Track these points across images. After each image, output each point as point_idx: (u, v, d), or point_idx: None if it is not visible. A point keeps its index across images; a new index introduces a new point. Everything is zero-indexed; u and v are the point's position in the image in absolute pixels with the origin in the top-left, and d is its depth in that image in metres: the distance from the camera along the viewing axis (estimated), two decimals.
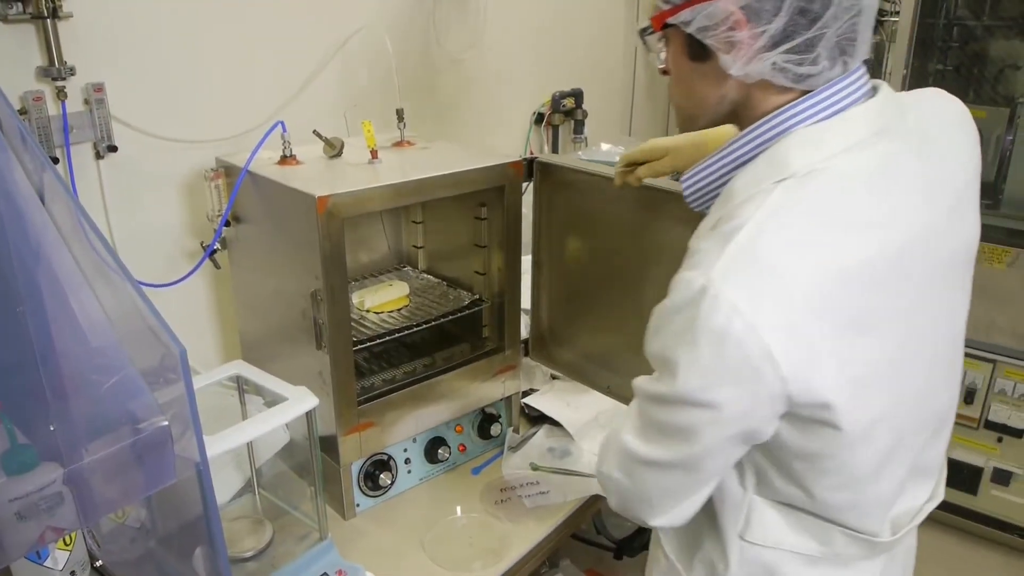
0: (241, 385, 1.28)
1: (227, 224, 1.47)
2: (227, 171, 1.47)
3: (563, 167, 1.49)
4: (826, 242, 0.81)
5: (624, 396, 1.56)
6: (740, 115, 0.92)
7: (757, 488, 0.94)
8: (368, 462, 1.45)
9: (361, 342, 1.40)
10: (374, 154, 1.43)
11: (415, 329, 1.48)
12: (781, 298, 0.77)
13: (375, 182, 1.30)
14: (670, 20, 0.89)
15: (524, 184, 1.51)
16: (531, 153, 2.52)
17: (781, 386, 0.78)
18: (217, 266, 1.58)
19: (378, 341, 1.43)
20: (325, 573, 1.22)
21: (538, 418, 1.74)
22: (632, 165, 1.29)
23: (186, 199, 1.62)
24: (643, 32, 0.96)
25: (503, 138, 2.45)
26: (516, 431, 1.68)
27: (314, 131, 1.46)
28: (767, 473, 0.92)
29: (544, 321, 1.63)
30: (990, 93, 2.46)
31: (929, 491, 1.03)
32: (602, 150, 2.51)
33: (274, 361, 1.50)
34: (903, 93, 0.97)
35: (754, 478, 0.94)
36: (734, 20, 0.84)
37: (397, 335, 1.46)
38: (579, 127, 2.61)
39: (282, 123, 1.42)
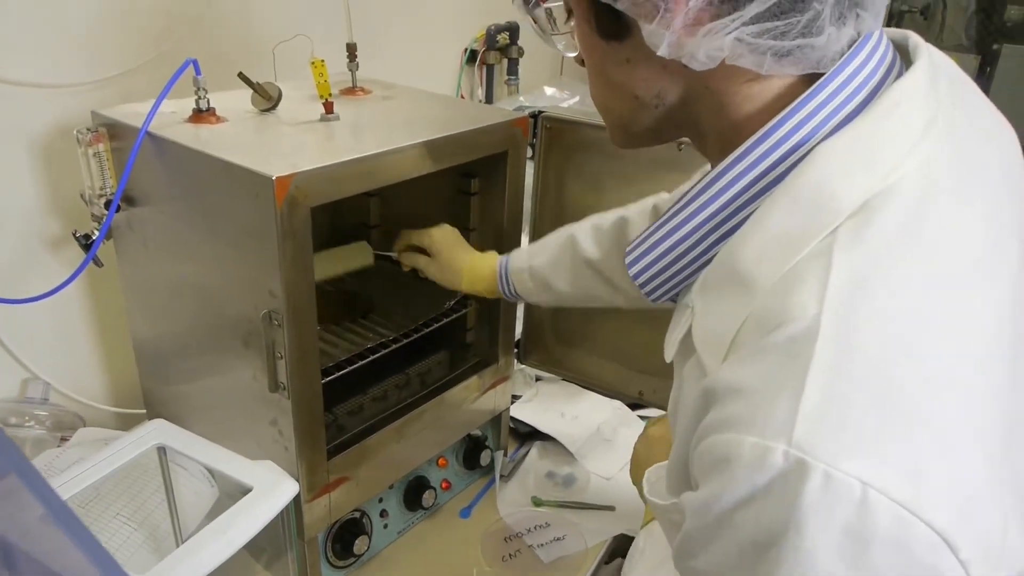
0: (165, 463, 0.88)
1: (117, 210, 1.02)
2: (111, 131, 1.02)
3: (581, 124, 1.14)
4: (958, 310, 0.50)
5: (661, 403, 1.26)
6: (701, 123, 0.60)
7: None
8: (336, 526, 1.08)
9: (327, 372, 1.01)
10: (328, 107, 1.02)
11: (393, 347, 1.10)
12: (935, 445, 0.46)
13: (350, 152, 0.90)
14: None
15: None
16: (462, 98, 2.13)
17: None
18: (99, 264, 1.13)
19: (349, 369, 1.04)
20: None
21: (527, 433, 1.41)
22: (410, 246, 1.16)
23: (45, 170, 1.15)
24: (528, 3, 0.66)
25: (431, 80, 2.04)
26: (505, 454, 1.35)
27: (240, 74, 1.03)
28: None
29: (544, 318, 1.29)
30: (958, 38, 2.28)
31: None
32: (546, 95, 2.17)
33: (195, 404, 1.09)
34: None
35: None
36: None
37: (371, 356, 1.07)
38: (513, 67, 2.23)
39: (194, 61, 0.98)
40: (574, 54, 0.67)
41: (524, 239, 1.23)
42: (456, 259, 1.11)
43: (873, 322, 0.48)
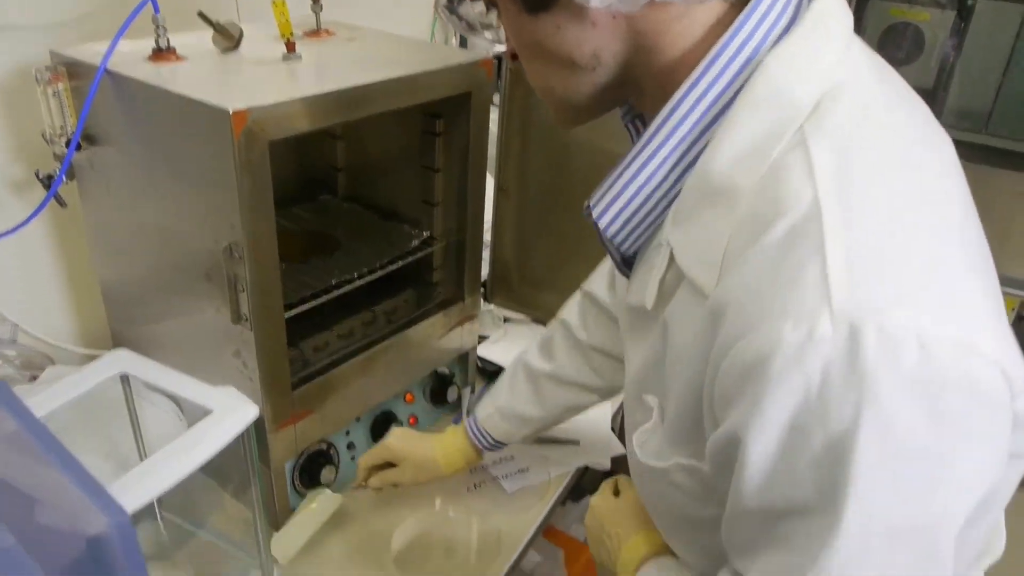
0: (129, 389, 0.90)
1: (77, 148, 1.03)
2: (70, 70, 1.02)
3: None
4: (927, 179, 0.55)
5: None
6: (639, 77, 0.62)
7: None
8: (304, 457, 1.11)
9: (291, 306, 1.03)
10: (290, 47, 1.03)
11: (358, 283, 1.12)
12: (961, 284, 0.49)
13: (310, 88, 0.91)
14: None
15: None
16: (435, 43, 2.12)
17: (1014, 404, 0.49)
18: (62, 204, 1.14)
19: (314, 303, 1.06)
20: None
21: (495, 372, 1.44)
22: (373, 468, 1.11)
23: (6, 109, 1.15)
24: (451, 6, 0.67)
25: (404, 27, 2.03)
26: (472, 391, 1.38)
27: (199, 13, 1.03)
28: None
29: (510, 258, 1.32)
30: None
31: None
32: None
33: (161, 337, 1.11)
34: None
35: None
36: None
37: (336, 291, 1.09)
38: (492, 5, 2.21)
39: (153, 0, 0.98)
40: (502, 47, 0.68)
41: (489, 181, 1.25)
42: (422, 451, 1.09)
43: (870, 189, 0.51)
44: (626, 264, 0.71)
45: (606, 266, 1.02)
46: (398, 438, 1.11)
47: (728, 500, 0.54)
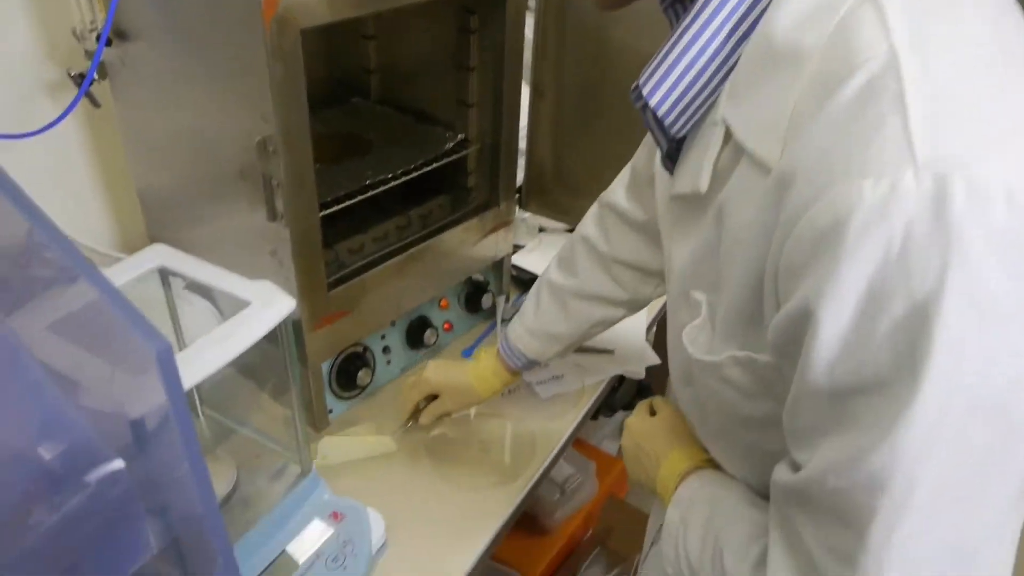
0: (168, 279, 0.90)
1: (108, 43, 1.02)
2: None
3: None
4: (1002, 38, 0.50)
5: None
6: None
7: None
8: (340, 358, 1.12)
9: (326, 205, 1.02)
10: None
11: (392, 183, 1.10)
12: None
13: None
14: None
15: None
16: None
17: None
18: (96, 104, 1.13)
19: (348, 203, 1.05)
20: (316, 519, 0.92)
21: (529, 281, 1.43)
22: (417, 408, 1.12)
23: (37, 8, 1.13)
24: None
25: None
26: (507, 299, 1.37)
27: None
28: None
29: (545, 164, 1.29)
30: None
31: None
32: None
33: (197, 237, 1.11)
34: None
35: None
36: None
37: (370, 192, 1.08)
38: None
39: None
40: None
41: (525, 90, 1.21)
42: (459, 379, 1.09)
43: (950, 40, 0.47)
44: (670, 158, 0.69)
45: (624, 175, 0.99)
46: (433, 370, 1.10)
47: (792, 384, 0.51)
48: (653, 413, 0.88)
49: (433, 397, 1.11)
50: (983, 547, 0.49)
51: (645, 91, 0.60)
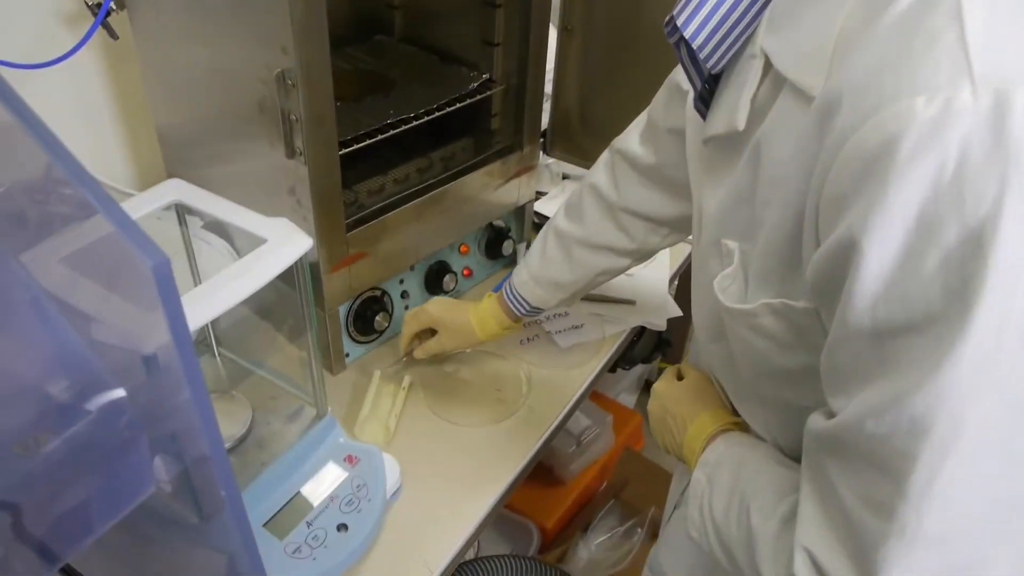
0: (183, 215, 0.88)
1: None
2: None
3: None
4: None
5: None
6: None
7: None
8: (358, 302, 1.10)
9: (346, 144, 0.99)
10: None
11: (414, 123, 1.07)
12: None
13: None
14: None
15: None
16: None
17: None
18: (114, 36, 1.10)
19: (369, 142, 1.02)
20: (331, 462, 0.91)
21: None
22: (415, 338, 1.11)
23: None
24: None
25: None
26: (527, 246, 1.35)
27: None
28: None
29: (572, 106, 1.25)
30: None
31: None
32: None
33: (215, 176, 1.09)
34: None
35: None
36: None
37: (392, 131, 1.05)
38: None
39: None
40: None
41: (552, 31, 1.17)
42: (459, 318, 1.07)
43: None
44: (703, 100, 0.65)
45: (640, 120, 0.95)
46: (435, 304, 1.09)
47: (832, 327, 0.49)
48: (680, 378, 0.86)
49: (432, 333, 1.10)
50: None
51: (680, 21, 0.57)
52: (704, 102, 0.65)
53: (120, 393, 0.36)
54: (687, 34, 0.57)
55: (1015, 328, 0.41)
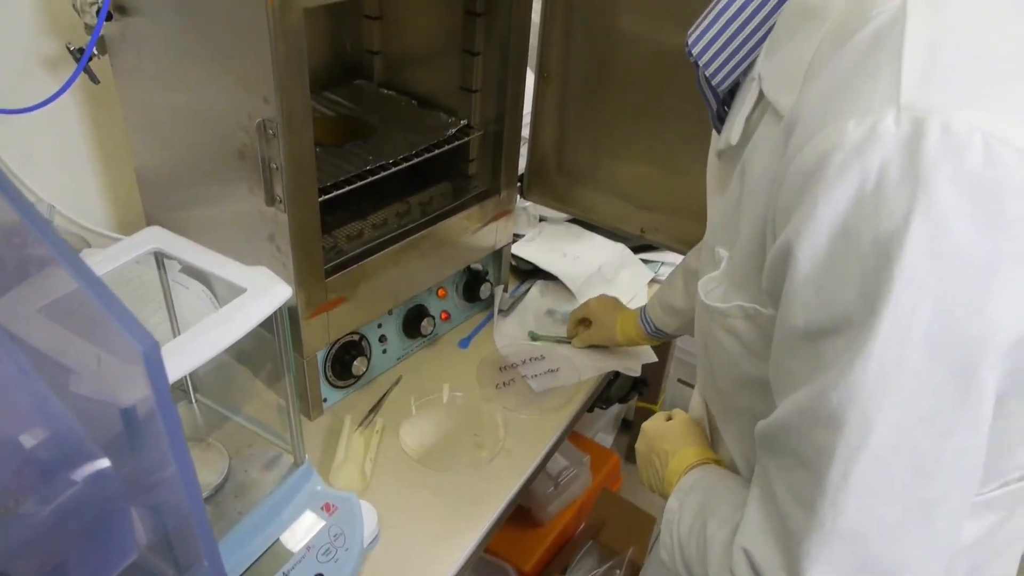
0: (164, 271, 0.88)
1: (108, 18, 0.99)
2: None
3: None
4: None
5: (661, 241, 1.26)
6: None
7: None
8: (336, 347, 1.10)
9: (326, 190, 1.00)
10: None
11: (393, 169, 1.08)
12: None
13: None
14: None
15: None
16: None
17: None
18: (95, 80, 1.11)
19: (349, 188, 1.03)
20: (308, 511, 0.90)
21: (529, 272, 1.42)
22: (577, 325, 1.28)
23: None
24: None
25: None
26: (505, 289, 1.36)
27: None
28: None
29: (549, 151, 1.27)
30: None
31: None
32: None
33: (194, 220, 1.09)
34: None
35: None
36: None
37: (371, 177, 1.06)
38: None
39: None
40: None
41: (529, 77, 1.19)
42: (609, 318, 1.23)
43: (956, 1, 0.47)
44: (719, 119, 0.70)
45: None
46: (596, 300, 1.25)
47: (775, 330, 0.52)
48: (669, 420, 0.88)
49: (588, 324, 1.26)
50: (943, 504, 0.49)
51: (690, 41, 0.64)
52: (721, 120, 0.70)
53: (105, 463, 0.36)
54: (694, 52, 0.63)
55: (918, 340, 0.44)
